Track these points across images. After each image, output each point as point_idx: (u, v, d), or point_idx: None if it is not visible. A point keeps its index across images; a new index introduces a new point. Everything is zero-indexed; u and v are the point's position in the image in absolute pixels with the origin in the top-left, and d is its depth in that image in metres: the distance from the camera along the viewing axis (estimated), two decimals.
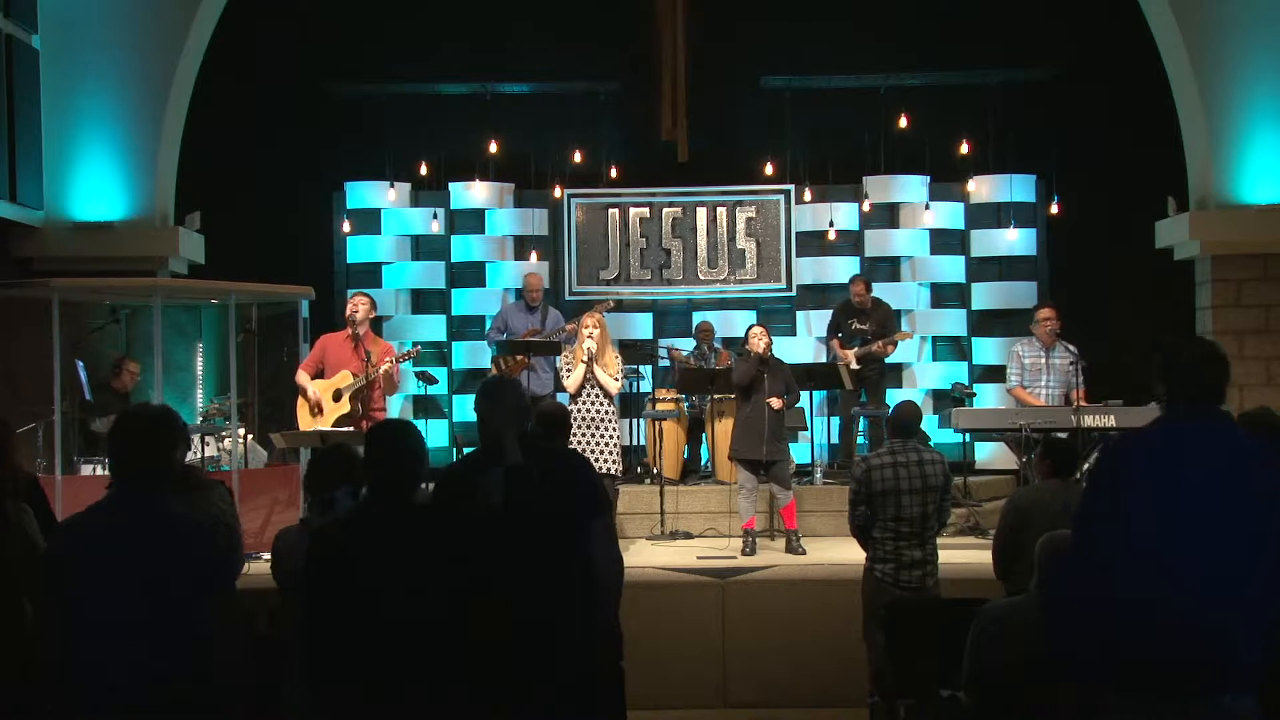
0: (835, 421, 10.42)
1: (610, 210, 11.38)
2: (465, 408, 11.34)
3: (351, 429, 7.58)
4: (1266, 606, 3.11)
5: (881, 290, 10.37)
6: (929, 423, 10.25)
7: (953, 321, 11.40)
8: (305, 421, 7.83)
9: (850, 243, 11.40)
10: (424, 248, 11.63)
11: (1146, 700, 3.10)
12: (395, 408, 10.85)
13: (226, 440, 8.43)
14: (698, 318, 11.09)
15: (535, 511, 3.54)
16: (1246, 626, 3.08)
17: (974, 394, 10.16)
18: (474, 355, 11.28)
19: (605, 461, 7.95)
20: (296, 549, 4.46)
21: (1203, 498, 3.12)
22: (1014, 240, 11.21)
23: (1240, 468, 3.17)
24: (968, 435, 9.48)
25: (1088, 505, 3.28)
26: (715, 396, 9.21)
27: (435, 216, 11.38)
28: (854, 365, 9.62)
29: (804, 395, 8.79)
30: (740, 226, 11.33)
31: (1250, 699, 3.12)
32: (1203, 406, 3.25)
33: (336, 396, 7.80)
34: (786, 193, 11.28)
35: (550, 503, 3.57)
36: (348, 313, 7.96)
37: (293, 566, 4.46)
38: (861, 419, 9.90)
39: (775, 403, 7.93)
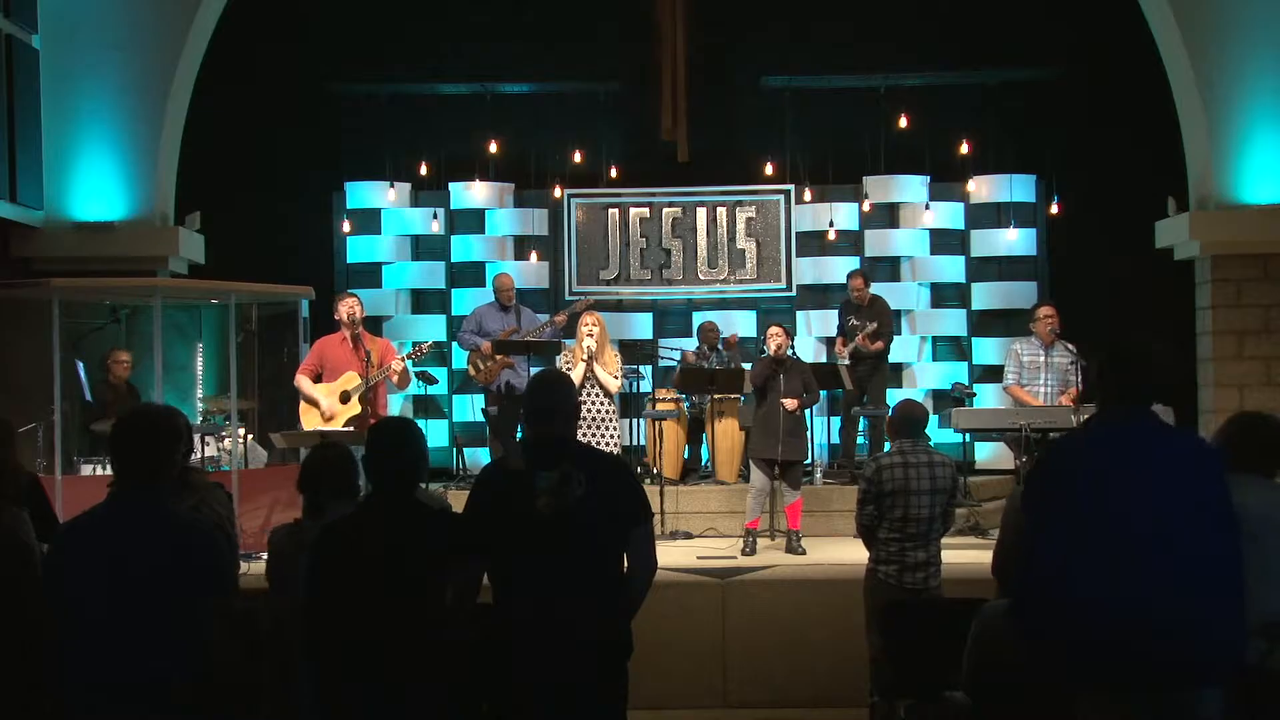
0: (835, 421, 10.41)
1: (610, 210, 11.38)
2: (465, 408, 11.34)
3: (353, 429, 7.57)
4: (1224, 602, 3.12)
5: (882, 290, 10.36)
6: (929, 423, 10.26)
7: (953, 321, 11.40)
8: (311, 423, 7.82)
9: (850, 243, 11.40)
10: (424, 248, 11.63)
11: (1111, 697, 3.11)
12: (395, 407, 10.84)
13: (226, 440, 8.43)
14: (698, 318, 11.09)
15: (579, 515, 3.51)
16: (1204, 621, 3.09)
17: (974, 394, 10.15)
18: None
19: None
20: (286, 549, 4.46)
21: (1149, 496, 3.14)
22: (1014, 240, 11.21)
23: (1183, 466, 3.20)
24: (968, 435, 9.47)
25: (1032, 506, 3.30)
26: (715, 396, 9.21)
27: (435, 216, 11.38)
28: (846, 361, 9.61)
29: (820, 396, 8.77)
30: (740, 226, 11.33)
31: (1216, 692, 3.13)
32: (1138, 408, 3.29)
33: (344, 399, 7.80)
34: (786, 193, 11.28)
35: (594, 507, 3.54)
36: (345, 315, 7.92)
37: (285, 567, 4.45)
38: (861, 419, 9.89)
39: (789, 403, 7.94)
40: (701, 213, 11.36)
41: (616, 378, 8.45)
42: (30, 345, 8.21)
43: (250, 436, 8.82)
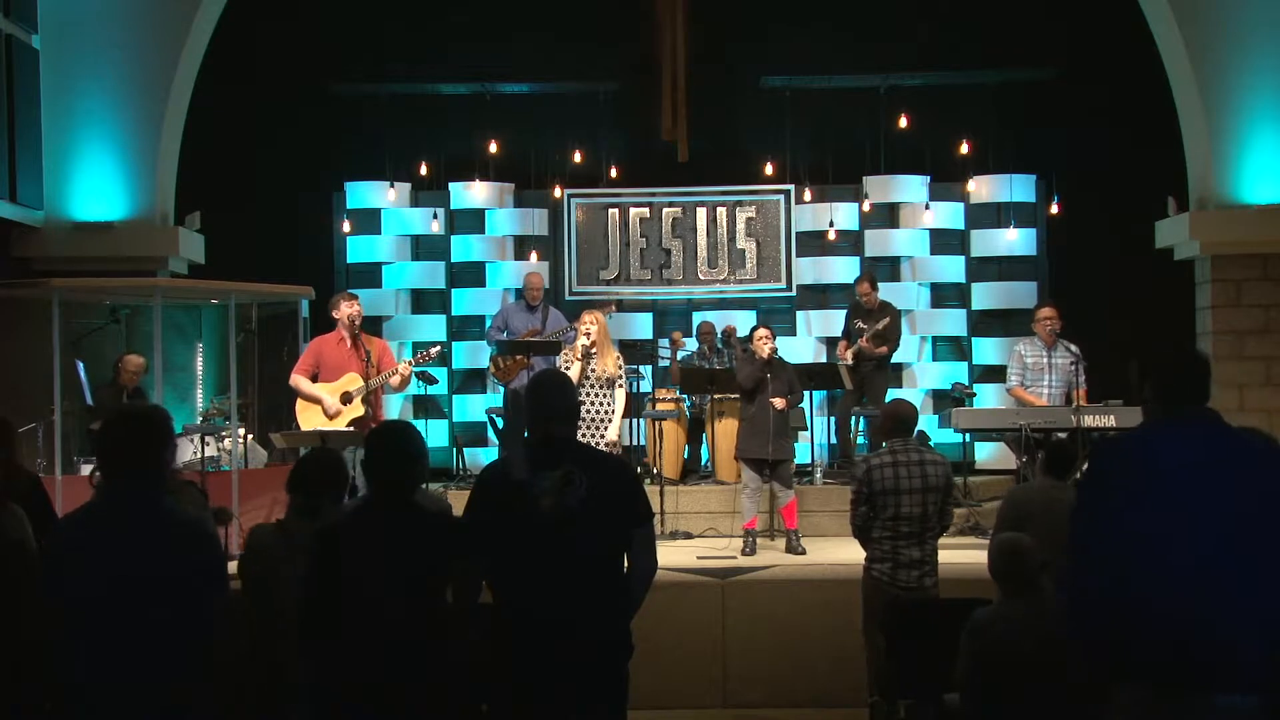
0: (835, 421, 10.41)
1: (610, 210, 11.38)
2: (465, 408, 11.34)
3: (353, 429, 7.56)
4: (1270, 605, 3.11)
5: (882, 290, 10.36)
6: (929, 423, 10.27)
7: (953, 321, 11.40)
8: (309, 423, 7.81)
9: (850, 243, 11.40)
10: (424, 248, 11.63)
11: (1150, 697, 3.10)
12: (395, 407, 10.85)
13: (226, 440, 8.43)
14: (698, 318, 11.09)
15: (580, 515, 3.51)
16: (1249, 625, 3.07)
17: (974, 394, 10.15)
18: (474, 355, 11.28)
19: None
20: (270, 549, 4.44)
21: (1199, 495, 3.12)
22: (1014, 240, 11.21)
23: (1235, 464, 3.17)
24: (968, 435, 9.48)
25: (1083, 505, 3.28)
26: (715, 396, 9.21)
27: (435, 216, 11.38)
28: (849, 362, 9.60)
29: (804, 395, 8.78)
30: (740, 226, 11.33)
31: (1254, 699, 3.11)
32: (1192, 406, 3.27)
33: (346, 399, 7.79)
34: (786, 193, 11.28)
35: (596, 508, 3.54)
36: (346, 317, 7.90)
37: (265, 564, 4.43)
38: (861, 419, 9.89)
39: (778, 403, 7.96)
40: (701, 213, 11.36)
41: (619, 380, 8.42)
42: (30, 345, 8.21)
43: (250, 436, 8.82)
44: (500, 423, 9.71)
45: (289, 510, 4.53)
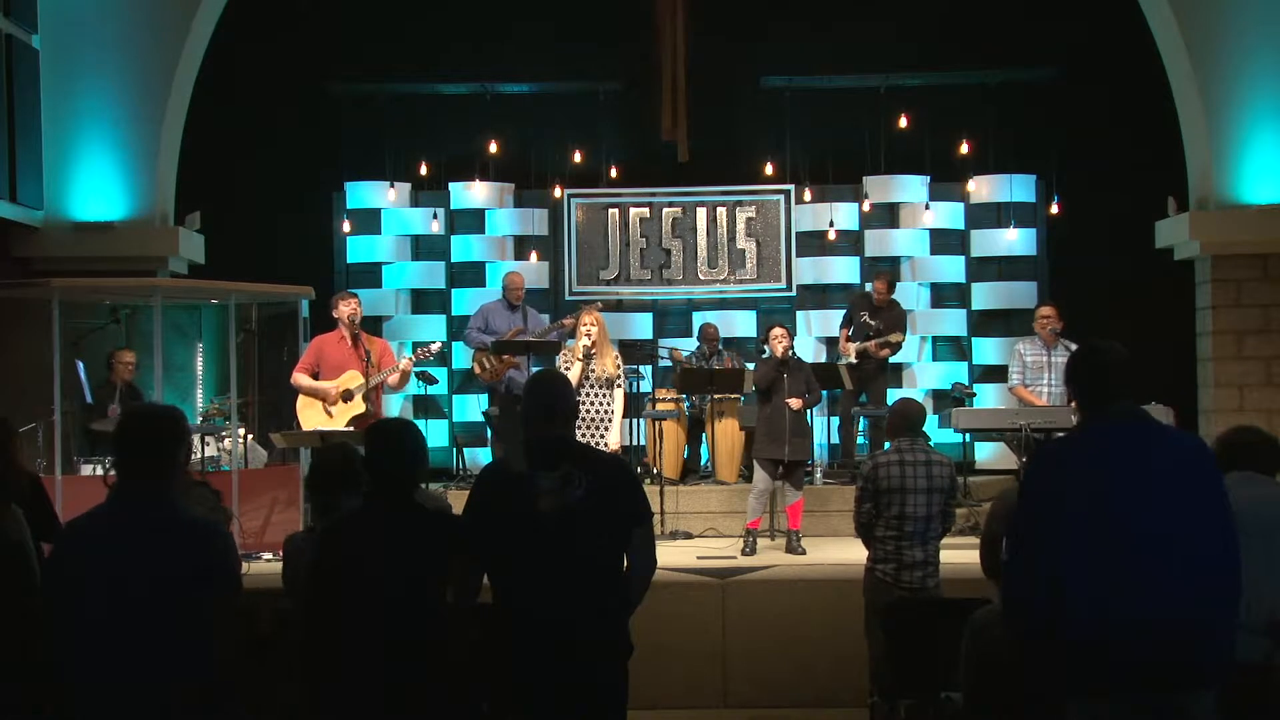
0: (835, 421, 10.41)
1: (610, 210, 11.38)
2: (465, 408, 11.34)
3: (352, 429, 7.56)
4: (1222, 604, 3.10)
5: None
6: (929, 423, 10.26)
7: (953, 321, 11.40)
8: (310, 422, 7.82)
9: (850, 243, 11.40)
10: (424, 248, 11.63)
11: (1109, 700, 3.08)
12: (395, 407, 10.85)
13: (226, 440, 8.42)
14: (698, 318, 11.09)
15: (579, 515, 3.51)
16: (1204, 624, 3.07)
17: (974, 394, 10.15)
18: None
19: None
20: (300, 554, 4.45)
21: (1147, 497, 3.11)
22: (1014, 240, 11.21)
23: (1178, 466, 3.17)
24: (968, 435, 9.47)
25: (1027, 510, 3.26)
26: (715, 396, 9.21)
27: (435, 216, 11.38)
28: (852, 359, 9.61)
29: (821, 395, 8.77)
30: (740, 226, 11.33)
31: (1208, 697, 3.11)
32: (1127, 406, 3.26)
33: (347, 397, 7.80)
34: (786, 193, 11.28)
35: (595, 507, 3.54)
36: (345, 315, 7.91)
37: (296, 569, 4.46)
38: (862, 419, 9.90)
39: (794, 403, 7.96)
40: (701, 213, 11.36)
41: (618, 380, 8.41)
42: (30, 345, 8.21)
43: (250, 436, 8.82)
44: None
45: (312, 512, 4.53)
